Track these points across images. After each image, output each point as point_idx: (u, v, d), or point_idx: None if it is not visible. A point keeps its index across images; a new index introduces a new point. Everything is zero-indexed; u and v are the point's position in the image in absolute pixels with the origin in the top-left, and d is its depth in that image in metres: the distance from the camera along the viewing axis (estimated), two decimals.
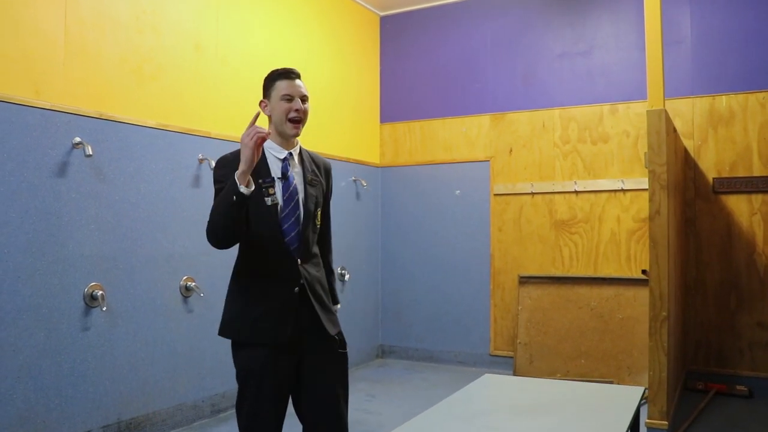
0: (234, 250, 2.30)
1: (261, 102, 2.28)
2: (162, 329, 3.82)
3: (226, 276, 4.17)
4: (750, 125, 4.73)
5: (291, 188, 2.23)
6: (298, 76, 2.26)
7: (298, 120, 2.23)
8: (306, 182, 2.27)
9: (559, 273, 5.35)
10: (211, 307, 4.12)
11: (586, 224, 5.26)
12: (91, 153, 3.35)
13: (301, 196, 2.25)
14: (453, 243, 5.82)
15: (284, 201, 2.21)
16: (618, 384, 4.79)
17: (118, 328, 3.55)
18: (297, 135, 2.26)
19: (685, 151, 4.85)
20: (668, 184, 3.56)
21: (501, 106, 5.65)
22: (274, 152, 2.26)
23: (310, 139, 5.09)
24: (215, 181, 2.23)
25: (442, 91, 5.93)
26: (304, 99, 2.24)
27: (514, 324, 5.47)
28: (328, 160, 2.49)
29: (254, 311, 2.18)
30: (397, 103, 6.15)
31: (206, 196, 4.12)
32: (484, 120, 5.72)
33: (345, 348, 2.31)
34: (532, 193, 5.47)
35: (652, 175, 3.56)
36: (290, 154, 2.27)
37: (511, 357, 5.44)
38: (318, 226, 2.34)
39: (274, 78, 2.25)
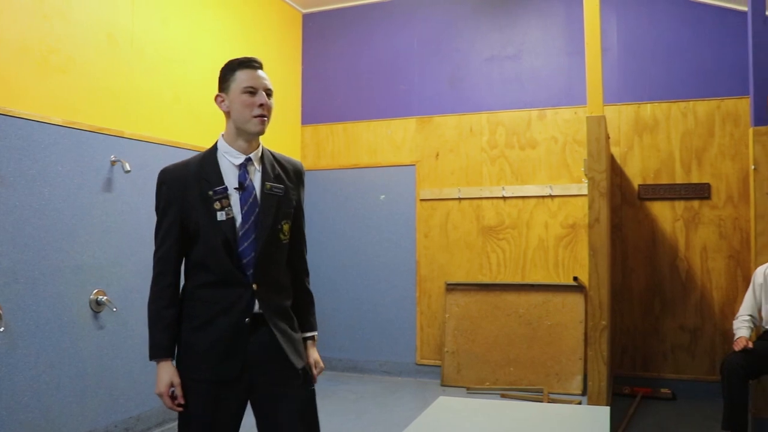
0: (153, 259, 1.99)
1: (217, 97, 1.97)
2: (69, 349, 3.42)
3: (140, 288, 3.88)
4: (673, 133, 4.83)
5: (251, 200, 1.92)
6: (260, 65, 1.98)
7: (264, 116, 1.92)
8: (264, 191, 1.94)
9: (486, 280, 5.28)
10: (124, 323, 3.76)
11: (513, 230, 5.22)
12: None
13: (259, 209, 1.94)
14: (377, 249, 5.63)
15: (243, 215, 1.90)
16: (548, 391, 4.77)
17: (18, 351, 3.14)
18: (262, 132, 1.94)
19: (612, 157, 4.90)
20: (607, 191, 3.53)
21: (428, 109, 5.53)
22: (229, 157, 1.95)
23: None
24: (157, 205, 1.95)
25: (367, 93, 5.74)
26: (269, 93, 1.95)
27: (441, 332, 5.36)
28: (299, 162, 2.14)
29: (198, 342, 1.89)
30: (320, 104, 5.90)
31: (119, 201, 3.76)
32: (410, 123, 5.58)
33: (312, 384, 2.02)
34: (459, 199, 5.38)
35: (592, 183, 3.51)
36: (249, 158, 1.95)
37: (439, 366, 5.33)
38: (285, 243, 2.01)
39: (233, 68, 1.95)
